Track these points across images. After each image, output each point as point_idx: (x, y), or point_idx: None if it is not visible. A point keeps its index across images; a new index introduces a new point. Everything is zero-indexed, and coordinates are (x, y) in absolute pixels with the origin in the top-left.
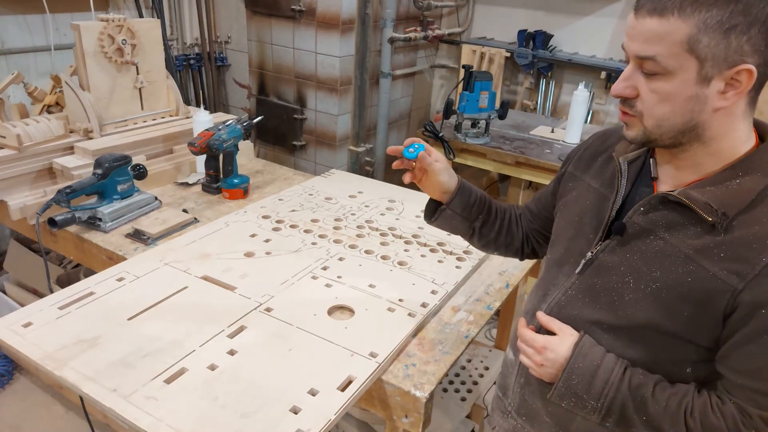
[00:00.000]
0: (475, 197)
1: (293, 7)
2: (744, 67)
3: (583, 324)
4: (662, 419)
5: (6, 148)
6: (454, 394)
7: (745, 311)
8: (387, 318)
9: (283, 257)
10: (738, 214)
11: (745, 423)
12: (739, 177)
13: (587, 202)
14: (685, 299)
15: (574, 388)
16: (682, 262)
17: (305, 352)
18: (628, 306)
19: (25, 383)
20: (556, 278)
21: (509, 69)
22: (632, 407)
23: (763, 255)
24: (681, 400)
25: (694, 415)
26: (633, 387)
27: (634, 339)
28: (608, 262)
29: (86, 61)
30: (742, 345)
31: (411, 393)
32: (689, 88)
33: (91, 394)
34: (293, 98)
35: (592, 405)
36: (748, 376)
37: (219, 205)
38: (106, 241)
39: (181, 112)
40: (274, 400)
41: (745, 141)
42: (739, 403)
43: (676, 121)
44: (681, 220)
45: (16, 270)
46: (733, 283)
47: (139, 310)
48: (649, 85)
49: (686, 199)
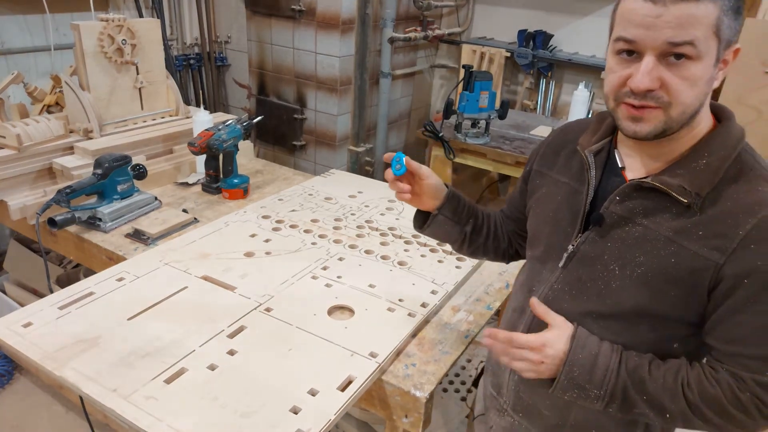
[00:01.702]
0: (463, 202)
1: (293, 7)
2: (737, 46)
3: (573, 316)
4: (662, 396)
5: (6, 148)
6: (454, 394)
7: (729, 283)
8: (387, 318)
9: (283, 257)
10: (709, 193)
11: (740, 387)
12: (704, 158)
13: (558, 197)
14: (670, 280)
15: (576, 379)
16: (664, 244)
17: (305, 352)
18: (615, 293)
19: (26, 383)
20: (540, 274)
21: (509, 69)
22: (633, 389)
23: (738, 229)
24: (676, 375)
25: (692, 387)
26: (630, 370)
27: (624, 325)
28: (591, 253)
29: (86, 61)
30: (729, 316)
31: (411, 393)
32: (709, 69)
33: (91, 394)
34: (293, 98)
35: (596, 393)
36: (738, 344)
37: (219, 205)
38: (106, 241)
39: (181, 112)
40: (274, 400)
41: (707, 121)
42: (731, 369)
43: (696, 105)
44: (657, 205)
45: (16, 270)
46: (714, 258)
47: (139, 310)
48: (677, 72)
49: (661, 184)
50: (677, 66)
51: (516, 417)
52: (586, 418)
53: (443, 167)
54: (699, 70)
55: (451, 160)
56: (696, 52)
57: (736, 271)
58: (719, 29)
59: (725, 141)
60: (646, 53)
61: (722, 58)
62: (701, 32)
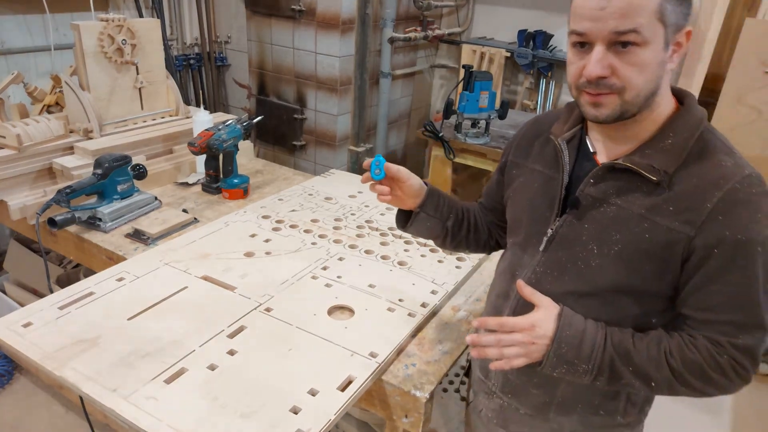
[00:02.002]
0: (444, 198)
1: (293, 7)
2: (688, 29)
3: (555, 297)
4: (648, 366)
5: (6, 148)
6: (454, 394)
7: (700, 254)
8: (387, 318)
9: (283, 257)
10: (677, 170)
11: (719, 351)
12: (670, 138)
13: (535, 185)
14: (645, 255)
15: (565, 356)
16: (637, 221)
17: (305, 352)
18: (595, 272)
19: (25, 383)
20: (521, 259)
21: (509, 69)
22: (619, 361)
23: (706, 202)
24: (659, 345)
25: (674, 355)
26: (616, 344)
27: (605, 302)
28: (569, 235)
29: (86, 61)
30: (702, 285)
31: (411, 393)
32: (659, 54)
33: (91, 394)
34: (293, 98)
35: (584, 368)
36: (713, 311)
37: (219, 205)
38: (106, 241)
39: (181, 112)
40: (274, 400)
41: (670, 103)
42: (708, 335)
43: (650, 88)
44: (629, 185)
45: (16, 270)
46: (686, 231)
47: (139, 310)
48: (625, 58)
49: (631, 164)
50: (626, 53)
51: (505, 398)
52: (572, 394)
53: (443, 167)
54: (647, 56)
55: (451, 160)
56: (641, 39)
57: (706, 242)
58: (663, 15)
59: (688, 121)
60: (596, 44)
61: (673, 42)
62: (644, 20)
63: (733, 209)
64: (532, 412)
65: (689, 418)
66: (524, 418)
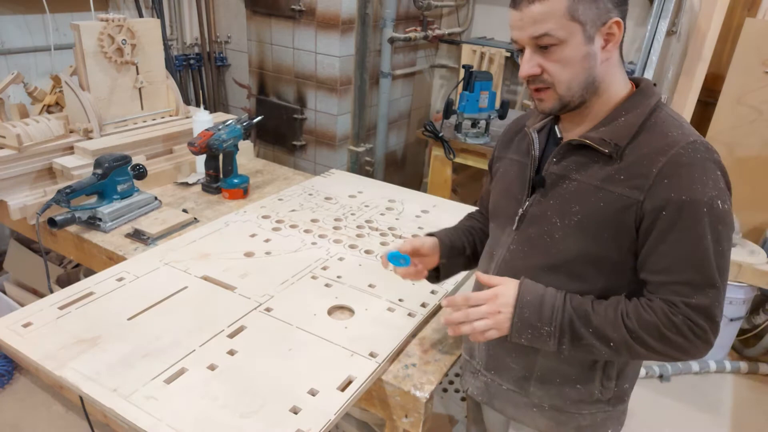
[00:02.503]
0: (450, 238)
1: (293, 7)
2: (614, 20)
3: (528, 272)
4: (605, 327)
5: (6, 148)
6: (454, 394)
7: (650, 218)
8: (387, 318)
9: (283, 257)
10: (628, 143)
11: (673, 311)
12: (623, 115)
13: (512, 172)
14: (601, 222)
15: (528, 320)
16: (593, 192)
17: (305, 352)
18: (559, 243)
19: (25, 383)
20: (499, 240)
21: (509, 69)
22: (578, 322)
23: (653, 167)
24: (616, 307)
25: (630, 316)
26: (575, 306)
27: (571, 274)
28: (537, 213)
29: (86, 61)
30: (654, 248)
31: (411, 393)
32: (581, 48)
33: (91, 394)
34: (293, 98)
35: (547, 330)
36: (665, 273)
37: (219, 205)
38: (106, 241)
39: (180, 112)
40: (274, 400)
41: (623, 87)
42: (663, 297)
43: (580, 79)
44: (586, 161)
45: (16, 270)
46: (635, 196)
47: (139, 310)
48: (550, 57)
49: (586, 140)
50: (548, 53)
51: (489, 375)
52: (549, 367)
53: (443, 167)
54: (567, 53)
55: (451, 160)
56: (556, 40)
57: (654, 205)
58: (575, 14)
59: (640, 101)
60: (525, 48)
61: (602, 34)
62: (554, 23)
63: (677, 171)
64: (514, 387)
65: (689, 417)
66: (507, 394)
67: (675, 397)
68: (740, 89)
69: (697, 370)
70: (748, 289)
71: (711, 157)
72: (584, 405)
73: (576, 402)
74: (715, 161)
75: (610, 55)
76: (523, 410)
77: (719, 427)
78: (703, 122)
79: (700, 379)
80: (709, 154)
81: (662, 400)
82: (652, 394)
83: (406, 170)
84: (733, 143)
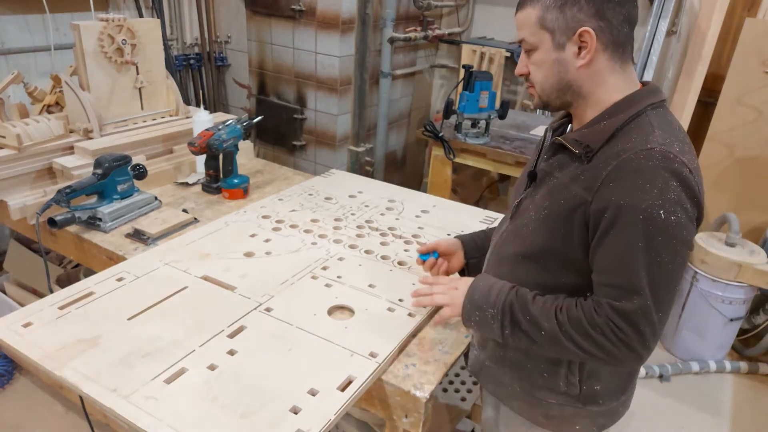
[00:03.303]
0: (478, 238)
1: (293, 7)
2: (583, 29)
3: (511, 258)
4: (539, 316)
5: (6, 148)
6: (454, 393)
7: (595, 219)
8: (387, 318)
9: (283, 257)
10: (601, 147)
11: (598, 311)
12: (605, 119)
13: (526, 167)
14: (558, 217)
15: (477, 302)
16: (561, 189)
17: (305, 352)
18: (531, 234)
19: (25, 383)
20: (500, 228)
21: (509, 69)
22: (518, 308)
23: (603, 171)
24: (554, 301)
25: (563, 311)
26: (519, 295)
27: (542, 264)
28: (526, 205)
29: (86, 61)
30: (596, 248)
31: (411, 393)
32: (550, 54)
33: (91, 394)
34: (293, 98)
35: (491, 313)
36: (601, 273)
37: (219, 205)
38: (106, 241)
39: (181, 112)
40: (274, 400)
41: (619, 92)
42: (596, 297)
43: (551, 82)
44: (567, 160)
45: (16, 270)
46: (585, 196)
47: (139, 310)
48: (530, 60)
49: (562, 139)
50: (528, 56)
51: (478, 350)
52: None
53: (443, 167)
54: (538, 57)
55: (451, 160)
56: (530, 45)
57: (598, 206)
58: (544, 23)
59: (627, 106)
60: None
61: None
62: (528, 31)
63: (622, 176)
64: (494, 365)
65: (689, 417)
66: (490, 371)
67: (675, 397)
68: (740, 89)
69: (697, 370)
70: (748, 289)
71: (666, 166)
72: (552, 395)
73: (543, 389)
74: (672, 170)
75: (587, 62)
76: (501, 389)
77: (719, 427)
78: (703, 122)
79: (700, 379)
80: (665, 162)
81: (662, 400)
82: (652, 394)
83: (406, 170)
84: (733, 143)
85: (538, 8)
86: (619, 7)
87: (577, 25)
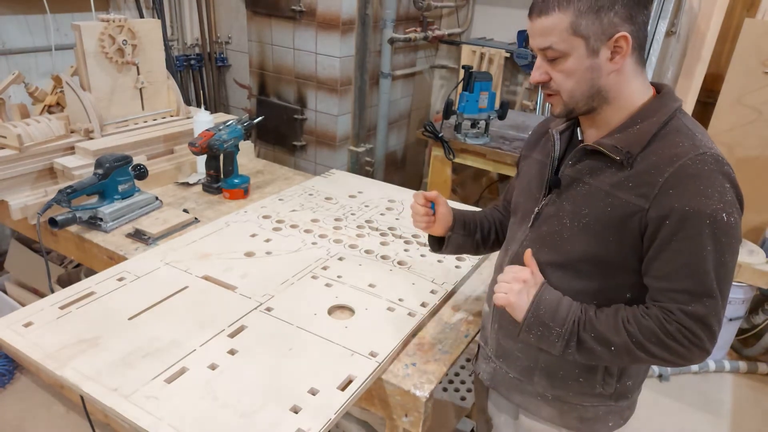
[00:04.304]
0: (465, 216)
1: (293, 8)
2: (620, 34)
3: (539, 266)
4: (607, 332)
5: (7, 148)
6: (454, 393)
7: (654, 226)
8: (387, 318)
9: (283, 257)
10: (640, 152)
11: (667, 318)
12: (638, 123)
13: (533, 171)
14: (607, 226)
15: (542, 317)
16: (603, 197)
17: (305, 352)
18: (567, 243)
19: (26, 383)
20: (515, 235)
21: (509, 69)
22: (585, 327)
23: (659, 177)
24: (616, 314)
25: (630, 322)
26: (585, 313)
27: (578, 272)
28: (550, 212)
29: (87, 61)
30: (657, 255)
31: (411, 392)
32: (584, 61)
33: (91, 393)
34: (293, 98)
35: (557, 331)
36: (666, 280)
37: (219, 205)
38: (106, 241)
39: (181, 112)
40: (274, 400)
41: (641, 95)
42: (661, 305)
43: (583, 89)
44: (600, 165)
45: (16, 270)
46: (641, 204)
47: (139, 310)
48: (554, 67)
49: (599, 146)
50: (555, 63)
51: (497, 362)
52: (553, 361)
53: (443, 167)
54: (570, 65)
55: (450, 161)
56: (559, 53)
57: (658, 213)
58: (578, 29)
59: (657, 109)
60: (538, 55)
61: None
62: (557, 37)
63: (682, 182)
64: (520, 376)
65: (689, 417)
66: (513, 382)
67: (674, 397)
68: (740, 89)
69: (696, 369)
70: (747, 289)
71: (720, 169)
72: (587, 398)
73: (578, 394)
74: (724, 173)
75: (619, 67)
76: (528, 398)
77: (718, 427)
78: (702, 122)
79: (700, 378)
80: (718, 166)
81: (662, 400)
82: (652, 393)
83: (406, 170)
84: (733, 143)
85: (570, 14)
86: (645, 10)
87: (614, 30)
